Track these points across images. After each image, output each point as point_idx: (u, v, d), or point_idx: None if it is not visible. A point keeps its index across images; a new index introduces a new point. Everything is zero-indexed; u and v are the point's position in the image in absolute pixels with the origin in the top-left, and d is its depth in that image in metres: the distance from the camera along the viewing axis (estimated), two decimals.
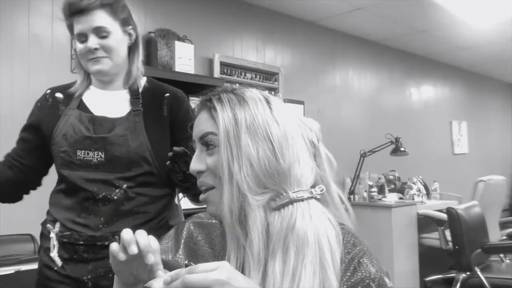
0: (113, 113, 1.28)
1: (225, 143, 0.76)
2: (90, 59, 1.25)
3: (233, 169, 0.74)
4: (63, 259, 1.25)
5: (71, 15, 1.26)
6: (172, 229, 0.93)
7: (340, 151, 4.43)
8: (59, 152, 1.26)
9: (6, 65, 2.66)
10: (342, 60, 4.84)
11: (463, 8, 4.16)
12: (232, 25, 3.81)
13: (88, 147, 1.24)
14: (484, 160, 6.80)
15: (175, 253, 0.84)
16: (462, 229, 2.87)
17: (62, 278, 1.25)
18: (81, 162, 1.24)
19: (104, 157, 1.23)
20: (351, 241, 0.76)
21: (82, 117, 1.27)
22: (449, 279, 3.28)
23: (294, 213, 0.74)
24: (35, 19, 2.77)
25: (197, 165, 0.80)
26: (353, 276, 0.72)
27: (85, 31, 1.23)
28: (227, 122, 0.77)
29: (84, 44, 1.24)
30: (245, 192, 0.73)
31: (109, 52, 1.25)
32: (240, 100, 0.79)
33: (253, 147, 0.75)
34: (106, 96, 1.33)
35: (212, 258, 0.80)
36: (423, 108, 5.90)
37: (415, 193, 4.09)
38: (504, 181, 4.12)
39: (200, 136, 0.80)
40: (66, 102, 1.32)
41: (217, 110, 0.78)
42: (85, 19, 1.22)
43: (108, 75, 1.30)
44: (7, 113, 2.64)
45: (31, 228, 2.59)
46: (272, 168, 0.75)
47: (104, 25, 1.23)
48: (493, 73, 7.13)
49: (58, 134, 1.27)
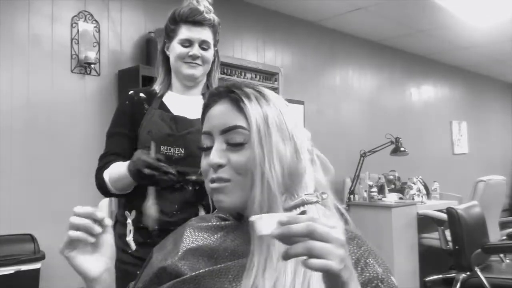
0: (190, 115, 1.42)
1: (257, 139, 0.74)
2: (187, 62, 1.41)
3: (265, 166, 0.73)
4: (138, 243, 1.37)
5: (184, 22, 1.41)
6: (170, 234, 0.91)
7: (340, 151, 4.44)
8: (144, 146, 1.36)
9: (6, 65, 2.66)
10: (342, 60, 4.84)
11: (463, 8, 4.16)
12: (232, 25, 3.81)
13: (170, 143, 1.38)
14: (484, 160, 6.80)
15: (174, 257, 0.82)
16: (462, 229, 2.87)
17: (135, 261, 1.33)
18: (163, 157, 1.33)
19: (184, 153, 1.38)
20: (355, 241, 0.76)
21: (164, 116, 1.41)
22: (449, 279, 3.28)
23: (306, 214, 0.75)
24: (35, 19, 2.77)
25: (219, 159, 0.77)
26: (361, 276, 0.71)
27: (194, 40, 1.41)
28: (258, 117, 0.75)
29: (187, 49, 1.41)
30: (275, 190, 0.73)
31: (205, 62, 1.44)
32: (264, 97, 0.78)
33: (283, 145, 0.75)
34: (184, 100, 1.47)
35: (213, 261, 0.79)
36: (423, 108, 5.89)
37: (415, 193, 4.08)
38: (504, 181, 4.11)
39: (224, 128, 0.77)
40: (149, 102, 1.44)
41: (246, 103, 0.76)
42: (197, 30, 1.40)
43: (196, 81, 1.46)
44: (7, 113, 2.64)
45: (31, 228, 2.60)
46: (294, 169, 0.76)
47: (209, 41, 1.43)
48: (493, 73, 7.13)
49: (143, 130, 1.39)
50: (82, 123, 2.88)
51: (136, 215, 1.38)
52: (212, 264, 0.78)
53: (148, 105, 1.43)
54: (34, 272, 2.38)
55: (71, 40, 2.89)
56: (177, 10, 1.42)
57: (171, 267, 0.81)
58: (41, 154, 2.74)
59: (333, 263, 0.55)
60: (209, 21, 1.41)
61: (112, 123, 1.48)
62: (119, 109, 1.49)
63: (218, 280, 0.74)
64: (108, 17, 3.08)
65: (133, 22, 3.19)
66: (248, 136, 0.76)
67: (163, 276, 0.81)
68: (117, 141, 1.43)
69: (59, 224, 3.23)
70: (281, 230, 0.56)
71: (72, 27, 2.90)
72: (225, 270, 0.74)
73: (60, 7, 2.87)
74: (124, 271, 1.32)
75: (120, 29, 3.13)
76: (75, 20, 2.91)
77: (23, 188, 2.67)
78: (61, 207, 2.78)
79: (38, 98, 2.75)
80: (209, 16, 1.42)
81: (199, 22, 1.40)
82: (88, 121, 2.90)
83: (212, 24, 1.43)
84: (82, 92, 2.93)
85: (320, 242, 0.55)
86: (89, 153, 2.64)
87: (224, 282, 0.73)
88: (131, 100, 1.45)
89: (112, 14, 3.10)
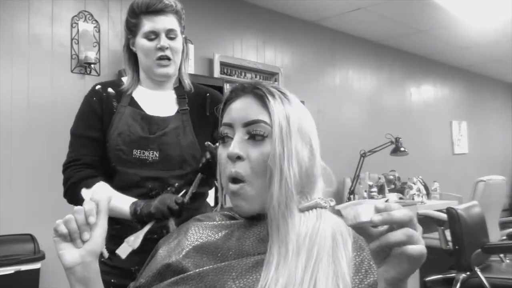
0: (163, 112, 1.33)
1: (279, 137, 0.75)
2: (158, 58, 1.30)
3: (284, 164, 0.74)
4: (111, 251, 1.27)
5: (145, 14, 1.30)
6: (174, 231, 0.92)
7: (340, 151, 4.44)
8: (115, 150, 1.29)
9: (6, 65, 2.66)
10: (342, 60, 4.84)
11: (463, 8, 4.16)
12: (232, 25, 3.81)
13: (144, 146, 1.28)
14: (484, 160, 6.80)
15: (179, 254, 0.83)
16: (462, 229, 2.87)
17: (109, 269, 1.27)
18: (136, 161, 1.28)
19: (159, 156, 1.29)
20: (358, 243, 0.77)
21: (135, 115, 1.31)
22: (449, 279, 3.27)
23: (319, 217, 0.76)
24: (35, 19, 2.77)
25: (238, 150, 0.77)
26: (366, 278, 0.72)
27: (159, 30, 1.29)
28: (281, 116, 0.77)
29: (153, 42, 1.30)
30: (293, 189, 0.74)
31: (175, 53, 1.33)
32: (287, 98, 0.81)
33: (301, 147, 0.77)
34: (156, 96, 1.37)
35: (219, 258, 0.79)
36: (423, 108, 5.89)
37: (415, 193, 4.08)
38: (504, 181, 4.11)
39: (247, 121, 0.78)
40: (118, 98, 1.34)
41: (270, 100, 0.78)
42: (159, 19, 1.29)
43: (169, 78, 1.37)
44: (7, 113, 2.64)
45: (31, 228, 2.59)
46: (310, 171, 0.77)
47: (175, 28, 1.32)
48: (493, 73, 7.13)
49: (114, 132, 1.29)
50: None
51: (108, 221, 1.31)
52: (216, 261, 0.78)
53: (117, 102, 1.33)
54: (34, 272, 2.38)
55: (71, 40, 2.89)
56: (135, 2, 1.31)
57: (175, 264, 0.81)
58: (41, 154, 2.74)
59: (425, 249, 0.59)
60: (171, 8, 1.31)
61: (79, 121, 1.35)
62: (87, 106, 1.35)
63: (221, 277, 0.74)
64: (108, 17, 3.08)
65: None
66: (270, 131, 0.77)
67: (166, 273, 0.82)
68: (89, 148, 1.32)
69: None
70: (383, 217, 0.58)
71: (72, 27, 2.90)
72: (229, 268, 0.75)
73: (60, 7, 2.87)
74: None
75: (120, 29, 3.13)
76: (75, 20, 2.91)
77: (23, 188, 2.67)
78: (61, 207, 2.78)
79: (38, 98, 2.75)
80: (169, 2, 1.31)
81: (161, 10, 1.29)
82: None
83: (175, 10, 1.32)
84: (82, 92, 2.89)
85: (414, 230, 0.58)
86: None
87: (227, 279, 0.74)
88: (99, 97, 1.34)
89: (112, 14, 3.10)
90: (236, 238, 0.80)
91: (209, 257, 0.80)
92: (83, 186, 1.27)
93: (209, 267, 0.76)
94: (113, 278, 1.28)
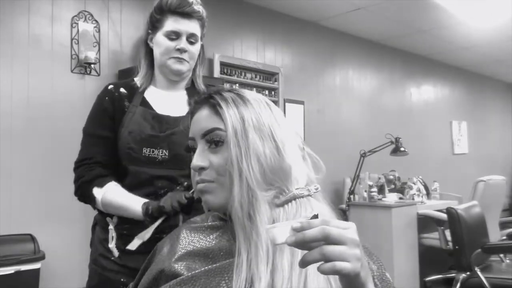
0: (174, 112, 1.34)
1: (234, 140, 0.77)
2: (174, 57, 1.32)
3: (242, 165, 0.75)
4: (121, 250, 1.29)
5: (171, 13, 1.31)
6: (166, 239, 0.91)
7: (340, 151, 4.44)
8: (125, 148, 1.29)
9: (6, 65, 2.66)
10: (342, 60, 4.84)
11: (463, 8, 4.16)
12: (232, 25, 3.81)
13: (153, 145, 1.29)
14: (484, 160, 6.79)
15: (171, 258, 0.83)
16: (462, 229, 2.87)
17: (118, 268, 1.28)
18: (146, 159, 1.29)
19: (168, 155, 1.30)
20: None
21: (146, 115, 1.32)
22: (449, 279, 3.27)
23: (299, 208, 0.76)
24: (35, 19, 2.77)
25: (200, 162, 0.80)
26: None
27: (181, 32, 1.31)
28: (235, 119, 0.78)
29: (174, 42, 1.31)
30: (254, 187, 0.75)
31: (192, 57, 1.35)
32: (243, 99, 0.82)
33: (261, 144, 0.77)
34: (168, 96, 1.38)
35: (210, 259, 0.79)
36: (423, 108, 5.89)
37: (415, 193, 4.08)
38: (504, 181, 4.11)
39: (204, 132, 0.81)
40: (129, 98, 1.35)
41: (223, 107, 0.80)
42: (185, 22, 1.31)
43: (182, 76, 1.37)
44: (7, 113, 2.64)
45: (31, 228, 2.60)
46: (277, 165, 0.77)
47: (197, 34, 1.34)
48: (493, 73, 7.13)
49: (124, 130, 1.30)
50: (82, 123, 2.86)
51: (118, 221, 1.30)
52: (208, 263, 0.79)
53: (129, 102, 1.34)
54: (34, 272, 2.38)
55: (71, 40, 2.89)
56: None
57: (168, 268, 0.81)
58: (41, 154, 2.74)
59: (349, 265, 0.56)
60: (198, 13, 1.33)
61: (91, 120, 1.36)
62: (99, 105, 1.35)
63: (213, 280, 0.74)
64: (108, 17, 3.08)
65: (133, 22, 3.19)
66: (226, 137, 0.79)
67: (161, 279, 0.82)
68: (100, 146, 1.32)
69: (59, 224, 3.25)
70: (295, 238, 0.57)
71: (72, 27, 2.90)
72: (221, 269, 0.75)
73: (60, 7, 2.87)
74: (106, 278, 1.30)
75: (120, 29, 3.13)
76: (75, 20, 2.91)
77: (23, 188, 2.67)
78: (61, 207, 2.78)
79: (38, 98, 2.75)
80: (198, 8, 1.32)
81: (188, 14, 1.31)
82: None
83: (201, 16, 1.34)
84: (82, 92, 2.93)
85: (335, 245, 0.56)
86: None
87: (220, 281, 0.74)
88: (111, 96, 1.34)
89: (112, 14, 3.10)
90: (227, 238, 0.81)
91: (201, 259, 0.80)
92: (95, 185, 1.27)
93: (202, 270, 0.77)
94: (123, 277, 1.28)
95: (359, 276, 0.58)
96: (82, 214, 2.84)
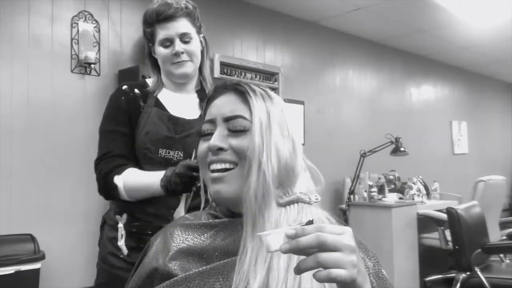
0: (187, 115, 1.36)
1: (259, 130, 0.77)
2: (175, 62, 1.33)
3: (262, 157, 0.75)
4: (130, 248, 1.31)
5: (157, 22, 1.32)
6: (159, 234, 0.91)
7: (340, 151, 4.44)
8: (142, 148, 1.31)
9: (6, 65, 2.66)
10: (342, 60, 4.84)
11: (463, 8, 4.16)
12: (232, 25, 3.81)
13: (169, 146, 1.31)
14: (484, 160, 6.80)
15: (165, 257, 0.82)
16: (462, 229, 2.87)
17: (128, 266, 1.28)
18: (162, 160, 1.30)
19: (183, 156, 1.31)
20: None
21: (161, 116, 1.33)
22: (449, 279, 3.27)
23: (300, 211, 0.76)
24: (35, 19, 2.77)
25: (219, 143, 0.79)
26: None
27: (172, 36, 1.31)
28: (262, 112, 0.79)
29: (169, 49, 1.32)
30: (269, 181, 0.75)
31: (192, 56, 1.34)
32: (268, 95, 0.83)
33: (282, 141, 0.78)
34: (179, 98, 1.40)
35: (204, 260, 0.79)
36: (423, 108, 5.89)
37: (415, 193, 4.08)
38: (504, 181, 4.11)
39: (228, 116, 0.80)
40: (144, 98, 1.36)
41: (252, 96, 0.80)
42: (171, 26, 1.31)
43: (189, 78, 1.38)
44: (7, 113, 2.64)
45: (31, 228, 2.60)
46: (291, 164, 0.78)
47: (188, 31, 1.33)
48: (493, 73, 7.13)
49: (141, 131, 1.32)
50: (82, 123, 2.88)
51: (127, 218, 1.32)
52: (202, 264, 0.78)
53: (144, 102, 1.35)
54: (34, 272, 2.38)
55: (71, 40, 2.89)
56: (147, 12, 1.34)
57: (162, 267, 0.81)
58: (41, 154, 2.74)
59: (345, 272, 0.55)
60: (182, 11, 1.31)
61: (107, 119, 1.36)
62: (114, 104, 1.36)
63: (208, 281, 0.74)
64: (108, 17, 3.08)
65: (133, 22, 3.19)
66: (250, 126, 0.79)
67: (155, 277, 0.82)
68: (119, 141, 1.32)
69: (59, 224, 3.25)
70: (289, 246, 0.56)
71: (72, 27, 2.90)
72: (216, 270, 0.75)
73: (60, 7, 2.87)
74: (115, 276, 1.31)
75: (120, 29, 3.13)
76: (75, 20, 2.91)
77: (23, 188, 2.67)
78: (61, 207, 2.79)
79: (38, 98, 2.75)
80: (179, 5, 1.31)
81: (172, 16, 1.30)
82: (88, 121, 2.90)
83: (187, 12, 1.33)
84: (82, 92, 2.93)
85: (330, 252, 0.55)
86: (89, 153, 2.64)
87: (214, 283, 0.73)
88: (127, 96, 1.35)
89: (112, 14, 3.10)
90: (221, 238, 0.80)
91: (195, 259, 0.79)
92: (115, 174, 1.28)
93: (195, 270, 0.76)
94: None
95: (355, 282, 0.57)
96: (82, 214, 2.85)
